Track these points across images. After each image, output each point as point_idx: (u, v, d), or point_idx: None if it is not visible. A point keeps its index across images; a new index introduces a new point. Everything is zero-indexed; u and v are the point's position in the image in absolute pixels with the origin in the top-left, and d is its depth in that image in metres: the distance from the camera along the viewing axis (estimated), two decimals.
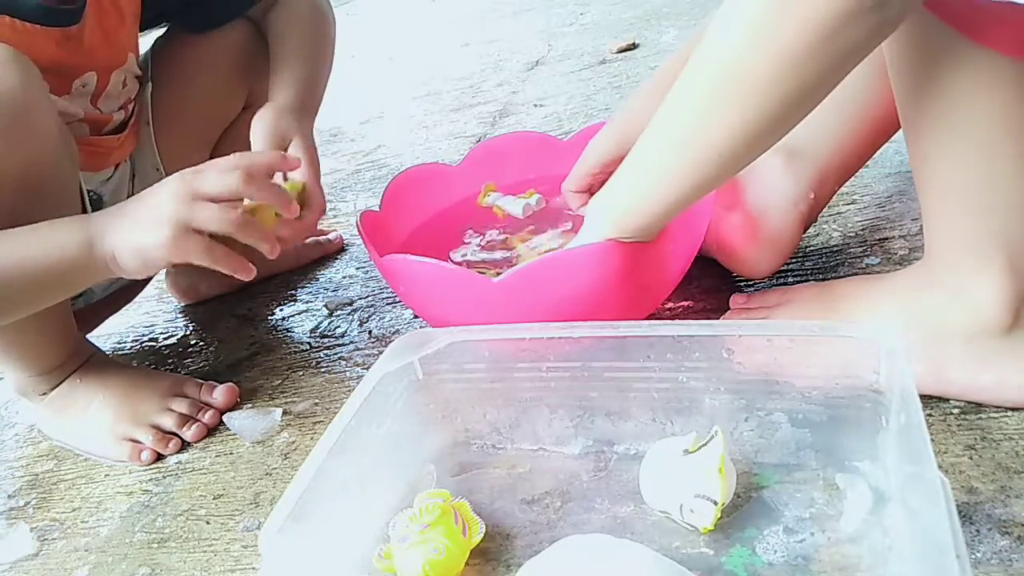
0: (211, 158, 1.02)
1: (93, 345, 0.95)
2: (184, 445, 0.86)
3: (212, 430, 0.87)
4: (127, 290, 1.07)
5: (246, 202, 0.73)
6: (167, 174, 0.97)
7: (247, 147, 1.07)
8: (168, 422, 0.86)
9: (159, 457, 0.85)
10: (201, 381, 0.91)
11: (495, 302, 0.73)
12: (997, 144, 0.56)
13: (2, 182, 0.72)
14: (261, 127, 0.84)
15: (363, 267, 1.13)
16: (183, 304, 1.16)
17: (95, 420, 0.87)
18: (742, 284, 0.86)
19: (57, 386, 0.88)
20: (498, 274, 0.74)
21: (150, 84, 0.96)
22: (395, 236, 0.94)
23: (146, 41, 0.97)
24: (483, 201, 1.00)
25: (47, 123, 0.76)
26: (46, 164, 0.77)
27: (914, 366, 0.54)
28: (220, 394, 0.88)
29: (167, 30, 0.99)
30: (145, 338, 1.11)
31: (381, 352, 0.68)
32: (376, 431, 0.66)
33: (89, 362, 0.90)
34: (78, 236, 0.70)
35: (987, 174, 0.58)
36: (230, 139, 1.04)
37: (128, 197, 0.95)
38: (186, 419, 0.86)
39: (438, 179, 1.00)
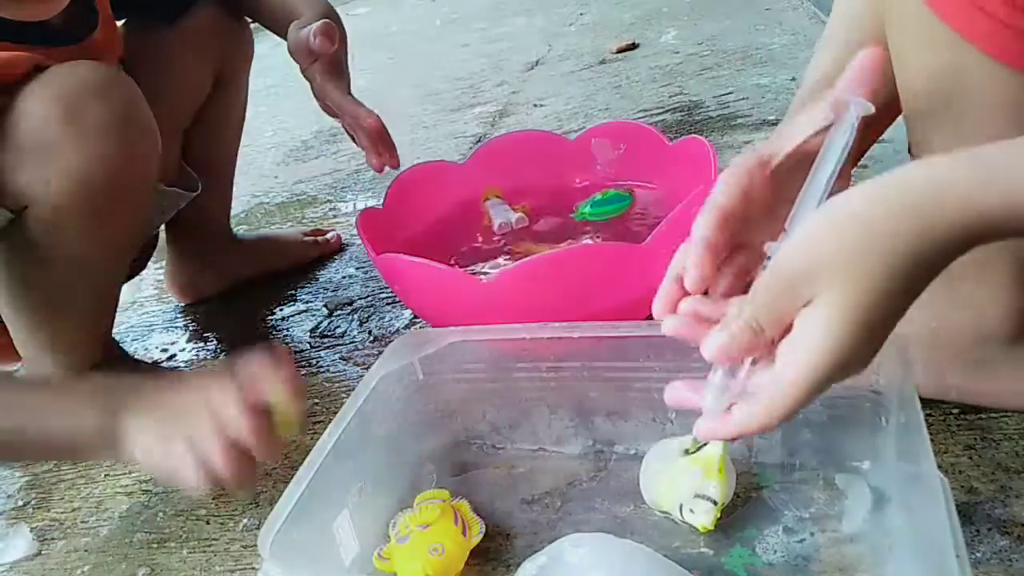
0: (184, 146, 1.02)
1: (116, 344, 0.95)
2: None
3: None
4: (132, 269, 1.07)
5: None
6: None
7: (219, 132, 1.07)
8: None
9: None
10: None
11: (487, 302, 0.73)
12: None
13: (124, 196, 0.77)
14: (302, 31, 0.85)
15: (363, 267, 1.13)
16: (183, 304, 1.16)
17: None
18: None
19: None
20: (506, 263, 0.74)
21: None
22: (399, 233, 0.94)
23: None
24: (484, 204, 1.00)
25: (154, 136, 0.80)
26: (153, 172, 0.82)
27: (914, 371, 0.54)
28: None
29: (130, 20, 0.98)
30: (145, 338, 1.11)
31: (381, 352, 0.68)
32: (376, 431, 0.66)
33: (107, 363, 0.90)
34: (100, 426, 0.66)
35: None
36: (203, 124, 1.04)
37: None
38: None
39: (443, 177, 1.00)
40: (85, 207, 0.74)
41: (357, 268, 1.13)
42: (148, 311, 1.17)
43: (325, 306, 1.06)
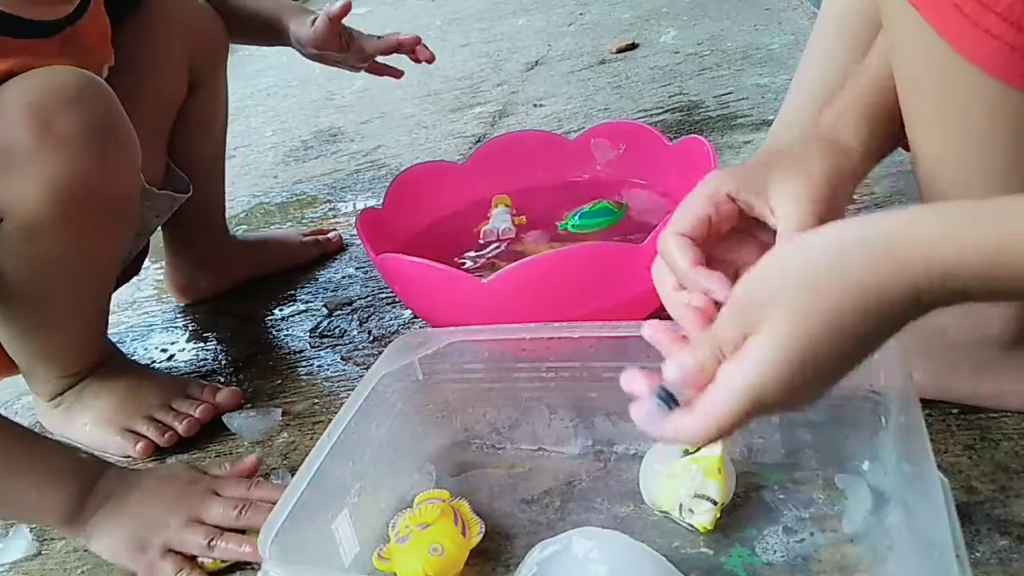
0: (170, 147, 1.01)
1: (112, 344, 0.95)
2: (179, 446, 0.85)
3: (210, 431, 0.87)
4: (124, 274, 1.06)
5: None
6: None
7: (204, 130, 1.05)
8: (167, 417, 0.86)
9: (156, 449, 0.85)
10: (205, 383, 0.90)
11: (487, 302, 0.73)
12: (1005, 164, 0.56)
13: (101, 208, 0.75)
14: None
15: (363, 267, 1.13)
16: (182, 304, 1.16)
17: (97, 416, 0.87)
18: None
19: (74, 386, 0.88)
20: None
21: None
22: (399, 233, 0.94)
23: None
24: (491, 211, 1.00)
25: (134, 147, 0.78)
26: (134, 181, 0.80)
27: (914, 373, 0.54)
28: (223, 397, 0.88)
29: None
30: (145, 338, 1.11)
31: (381, 352, 0.68)
32: (376, 431, 0.66)
33: (105, 363, 0.90)
34: (63, 511, 0.68)
35: (995, 190, 0.57)
36: (186, 123, 1.02)
37: None
38: (183, 415, 0.86)
39: (443, 177, 1.00)
40: (63, 219, 0.73)
41: (357, 268, 1.13)
42: (148, 311, 1.17)
43: (325, 306, 1.06)
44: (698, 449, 0.59)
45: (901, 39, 0.54)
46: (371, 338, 0.97)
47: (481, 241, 0.96)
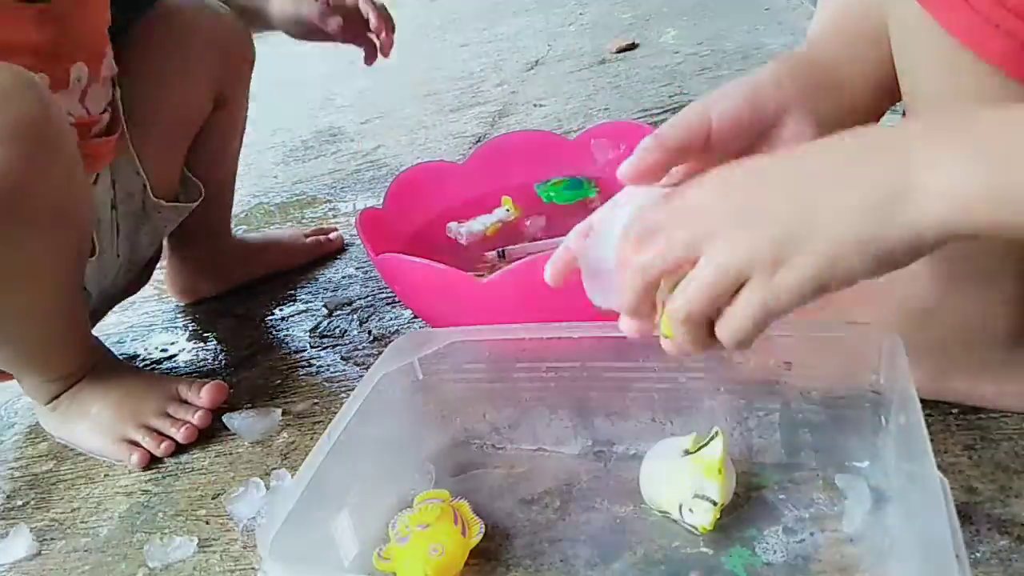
0: (186, 162, 1.02)
1: (103, 346, 0.95)
2: (178, 446, 0.85)
3: (210, 431, 0.87)
4: (125, 291, 1.07)
5: None
6: (147, 179, 0.96)
7: (221, 152, 1.07)
8: (164, 425, 0.86)
9: (153, 459, 0.85)
10: (192, 380, 0.90)
11: (487, 302, 0.73)
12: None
13: (31, 210, 0.72)
14: None
15: (363, 267, 1.13)
16: (183, 304, 1.16)
17: (92, 424, 0.87)
18: None
19: (67, 390, 0.88)
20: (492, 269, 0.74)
21: (118, 87, 0.94)
22: (399, 233, 0.94)
23: None
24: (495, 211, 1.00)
25: (70, 146, 0.76)
26: (71, 188, 0.77)
27: (914, 371, 0.54)
28: (206, 393, 0.87)
29: (128, 29, 0.95)
30: (145, 338, 1.11)
31: (381, 352, 0.68)
32: (376, 431, 0.66)
33: (97, 366, 0.89)
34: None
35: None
36: (203, 142, 1.03)
37: (112, 206, 0.94)
38: (181, 422, 0.86)
39: (443, 177, 1.00)
40: None
41: (357, 268, 1.13)
42: (148, 311, 1.17)
43: (325, 306, 1.06)
44: (699, 449, 0.60)
45: (907, 36, 0.54)
46: (371, 338, 0.97)
47: (448, 236, 0.96)
